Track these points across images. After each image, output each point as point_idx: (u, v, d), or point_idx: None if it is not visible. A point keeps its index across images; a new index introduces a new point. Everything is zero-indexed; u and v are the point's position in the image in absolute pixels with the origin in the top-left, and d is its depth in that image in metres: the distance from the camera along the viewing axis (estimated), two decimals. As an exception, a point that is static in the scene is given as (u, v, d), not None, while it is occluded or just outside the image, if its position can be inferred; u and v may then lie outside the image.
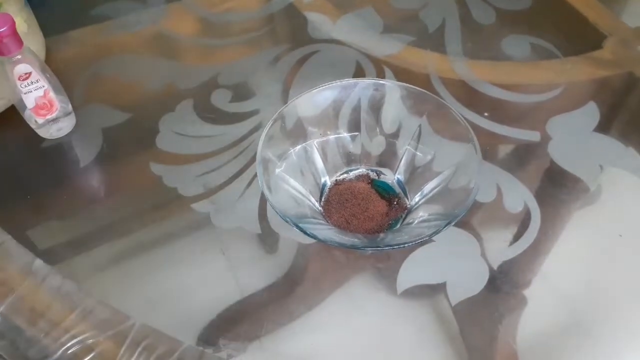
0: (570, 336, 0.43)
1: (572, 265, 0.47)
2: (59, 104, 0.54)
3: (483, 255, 0.47)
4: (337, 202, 0.48)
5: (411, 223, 0.45)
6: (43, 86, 0.51)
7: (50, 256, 0.47)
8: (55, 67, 0.59)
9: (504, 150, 0.55)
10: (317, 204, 0.48)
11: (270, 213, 0.49)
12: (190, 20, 0.70)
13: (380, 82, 0.49)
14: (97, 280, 0.47)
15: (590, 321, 0.44)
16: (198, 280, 0.46)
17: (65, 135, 0.56)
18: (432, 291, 0.45)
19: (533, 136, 0.55)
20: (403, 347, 0.43)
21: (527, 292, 0.45)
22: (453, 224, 0.41)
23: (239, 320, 0.44)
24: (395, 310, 0.45)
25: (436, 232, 0.40)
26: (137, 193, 0.53)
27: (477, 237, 0.48)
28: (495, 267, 0.46)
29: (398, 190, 0.49)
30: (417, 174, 0.48)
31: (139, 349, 0.41)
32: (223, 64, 0.63)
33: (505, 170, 0.52)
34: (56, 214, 0.51)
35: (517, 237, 0.48)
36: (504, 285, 0.45)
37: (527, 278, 0.46)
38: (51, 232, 0.50)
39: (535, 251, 0.47)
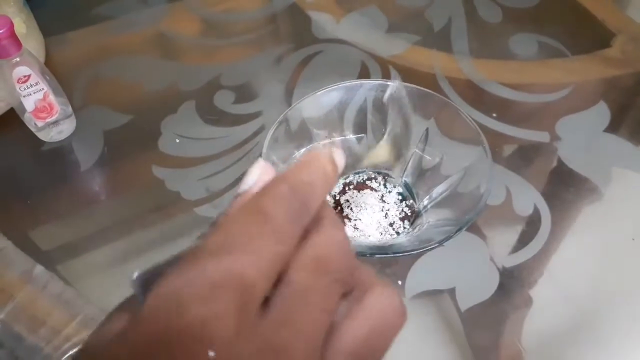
0: (576, 336, 0.42)
1: (580, 265, 0.46)
2: (59, 106, 0.53)
3: (492, 259, 0.46)
4: (344, 206, 0.47)
5: (420, 228, 0.44)
6: (42, 89, 0.50)
7: (51, 262, 0.46)
8: (55, 69, 0.58)
9: (512, 151, 0.54)
10: (322, 208, 0.47)
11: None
12: (192, 20, 0.69)
13: (386, 82, 0.48)
14: (98, 286, 0.46)
15: (597, 322, 0.43)
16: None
17: (66, 138, 0.55)
18: (442, 296, 0.44)
19: (542, 137, 0.54)
20: (412, 350, 0.42)
21: (533, 292, 0.44)
22: (464, 230, 0.40)
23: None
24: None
25: (446, 239, 0.39)
26: (139, 197, 0.52)
27: (487, 240, 0.47)
28: (505, 271, 0.45)
29: (406, 193, 0.48)
30: (425, 177, 0.47)
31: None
32: (225, 65, 0.63)
33: (514, 172, 0.51)
34: (57, 219, 0.50)
35: (527, 241, 0.47)
36: (514, 288, 0.44)
37: (533, 278, 0.45)
38: (52, 237, 0.49)
39: (543, 251, 0.47)
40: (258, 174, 0.22)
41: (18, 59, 0.48)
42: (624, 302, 0.44)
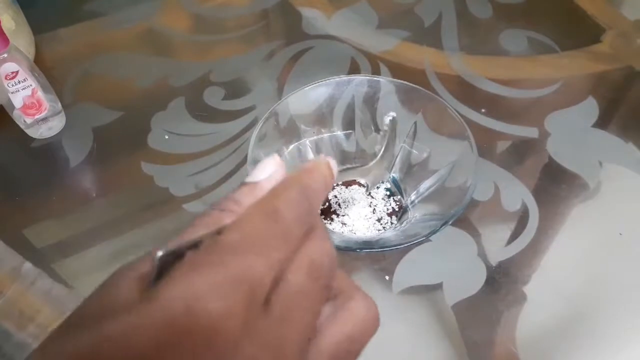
0: (569, 332, 0.43)
1: (571, 261, 0.47)
2: (48, 103, 0.53)
3: (480, 254, 0.46)
4: (332, 202, 0.47)
5: (407, 222, 0.44)
6: (31, 85, 0.50)
7: (40, 257, 0.46)
8: (45, 66, 0.58)
9: (501, 147, 0.54)
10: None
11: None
12: (182, 16, 0.69)
13: (375, 78, 0.48)
14: (87, 281, 0.46)
15: (590, 317, 0.43)
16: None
17: (55, 134, 0.55)
18: (429, 291, 0.44)
19: (531, 132, 0.55)
20: (402, 346, 0.42)
21: (526, 289, 0.45)
22: (449, 224, 0.40)
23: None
24: (393, 310, 0.44)
25: (432, 233, 0.39)
26: (129, 193, 0.52)
27: (475, 236, 0.47)
28: (492, 267, 0.45)
29: (394, 189, 0.48)
30: (412, 172, 0.47)
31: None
32: (216, 61, 0.62)
33: (503, 168, 0.51)
34: (46, 215, 0.50)
35: (514, 237, 0.47)
36: (502, 284, 0.45)
37: (525, 274, 0.45)
38: (41, 234, 0.49)
39: (534, 248, 0.47)
40: (273, 170, 0.23)
41: (5, 55, 0.48)
42: (615, 297, 0.44)
